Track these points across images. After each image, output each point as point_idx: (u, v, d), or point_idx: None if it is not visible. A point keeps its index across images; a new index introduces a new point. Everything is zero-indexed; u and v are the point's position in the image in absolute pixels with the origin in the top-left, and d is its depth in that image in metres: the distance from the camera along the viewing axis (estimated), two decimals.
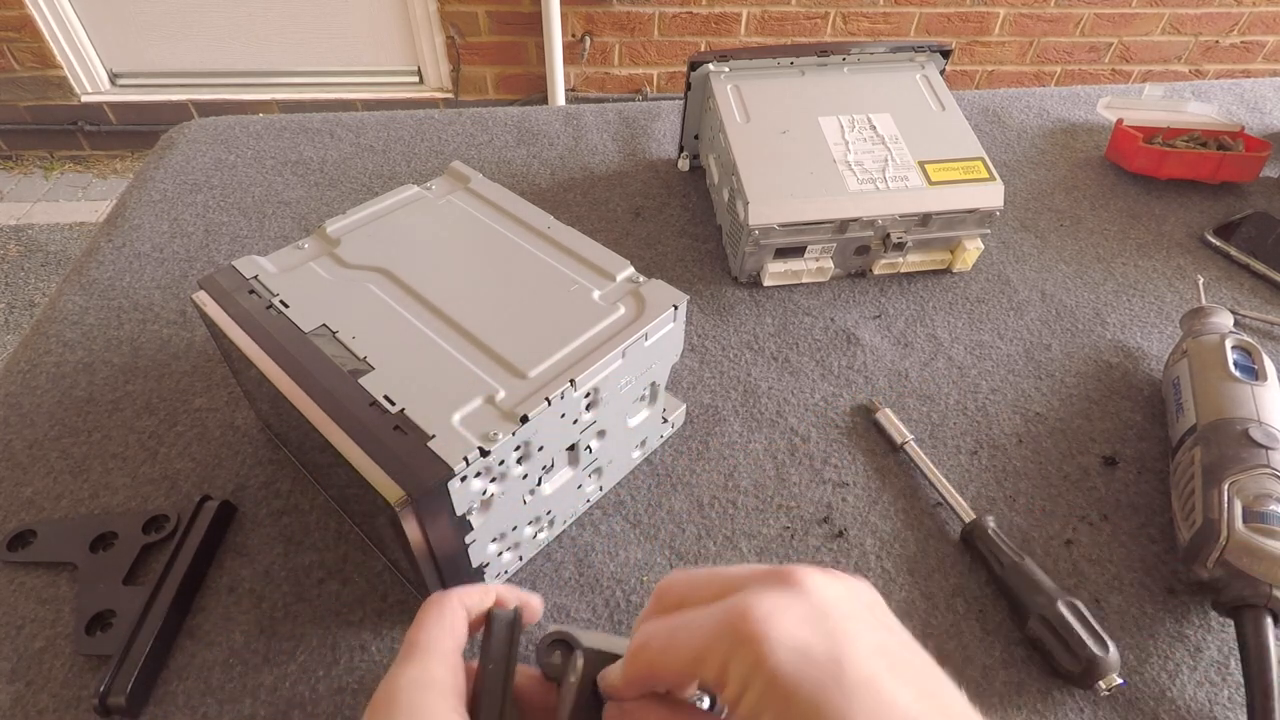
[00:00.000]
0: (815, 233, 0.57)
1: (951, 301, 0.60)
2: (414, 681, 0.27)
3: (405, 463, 0.32)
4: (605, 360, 0.37)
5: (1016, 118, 0.83)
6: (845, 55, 0.65)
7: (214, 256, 0.62)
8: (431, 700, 0.26)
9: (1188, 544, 0.41)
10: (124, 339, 0.55)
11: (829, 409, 0.52)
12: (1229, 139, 0.73)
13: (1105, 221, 0.69)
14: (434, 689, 0.27)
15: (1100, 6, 2.07)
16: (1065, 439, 0.50)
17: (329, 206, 0.68)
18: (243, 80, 2.12)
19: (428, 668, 0.28)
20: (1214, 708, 0.38)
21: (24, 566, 0.41)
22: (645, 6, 1.96)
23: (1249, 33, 2.18)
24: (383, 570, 0.42)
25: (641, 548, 0.44)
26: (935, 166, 0.59)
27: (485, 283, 0.42)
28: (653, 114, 0.80)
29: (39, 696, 0.37)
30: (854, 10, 2.01)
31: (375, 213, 0.46)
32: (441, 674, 0.28)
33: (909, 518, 0.45)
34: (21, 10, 1.89)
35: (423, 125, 0.78)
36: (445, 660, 0.28)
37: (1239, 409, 0.44)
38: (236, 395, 0.50)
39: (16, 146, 2.18)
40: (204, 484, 0.46)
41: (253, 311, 0.39)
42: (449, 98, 2.13)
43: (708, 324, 0.58)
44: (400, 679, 0.27)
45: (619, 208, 0.68)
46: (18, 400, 0.50)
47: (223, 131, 0.76)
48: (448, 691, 0.27)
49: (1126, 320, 0.59)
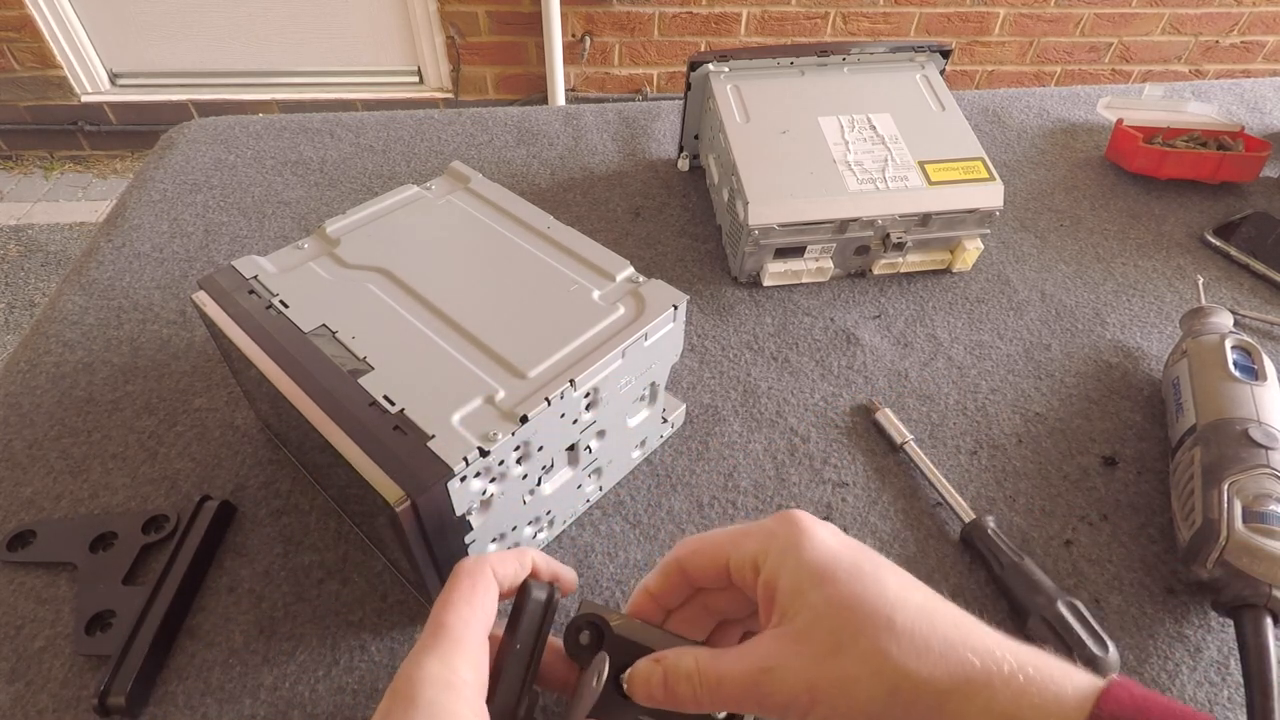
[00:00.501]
0: (815, 233, 0.57)
1: (951, 301, 0.60)
2: (437, 680, 0.26)
3: (405, 463, 0.32)
4: (605, 360, 0.37)
5: (1016, 118, 0.83)
6: (845, 55, 0.65)
7: (214, 256, 0.62)
8: (452, 703, 0.26)
9: (1187, 544, 0.41)
10: (124, 339, 0.55)
11: (829, 409, 0.52)
12: (1229, 139, 0.73)
13: (1105, 221, 0.69)
14: (456, 690, 0.26)
15: (1100, 6, 2.07)
16: (1065, 439, 0.50)
17: (329, 206, 0.68)
18: (243, 80, 2.12)
19: (453, 665, 0.26)
20: (1214, 708, 0.38)
21: (24, 566, 0.41)
22: (645, 6, 1.96)
23: (1249, 33, 2.18)
24: (383, 570, 0.42)
25: (641, 548, 0.44)
26: (935, 166, 0.59)
27: (485, 283, 0.42)
28: (653, 114, 0.80)
29: (38, 696, 0.37)
30: (854, 10, 2.02)
31: (375, 213, 0.46)
32: (466, 673, 0.27)
33: (909, 518, 0.45)
34: (21, 10, 1.89)
35: (423, 125, 0.78)
36: (471, 655, 0.27)
37: (1239, 409, 0.44)
38: (236, 395, 0.50)
39: (16, 146, 2.18)
40: (204, 484, 0.46)
41: (252, 311, 0.39)
42: (449, 98, 2.13)
43: (708, 324, 0.58)
44: (424, 672, 0.26)
45: (619, 208, 0.68)
46: (18, 400, 0.50)
47: (223, 131, 0.76)
48: (471, 693, 0.26)
49: (1126, 320, 0.59)
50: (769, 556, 0.28)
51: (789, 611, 0.27)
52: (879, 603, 0.26)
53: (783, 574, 0.27)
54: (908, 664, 0.24)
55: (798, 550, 0.27)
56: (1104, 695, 0.23)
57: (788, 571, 0.27)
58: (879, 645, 0.25)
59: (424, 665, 0.26)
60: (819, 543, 0.28)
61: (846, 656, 0.25)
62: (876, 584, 0.26)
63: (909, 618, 0.25)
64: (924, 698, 0.24)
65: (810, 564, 0.27)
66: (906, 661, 0.24)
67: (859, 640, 0.25)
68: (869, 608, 0.26)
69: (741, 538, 0.29)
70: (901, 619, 0.25)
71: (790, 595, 0.27)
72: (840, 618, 0.26)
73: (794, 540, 0.28)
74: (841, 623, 0.26)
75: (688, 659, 0.28)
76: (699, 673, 0.27)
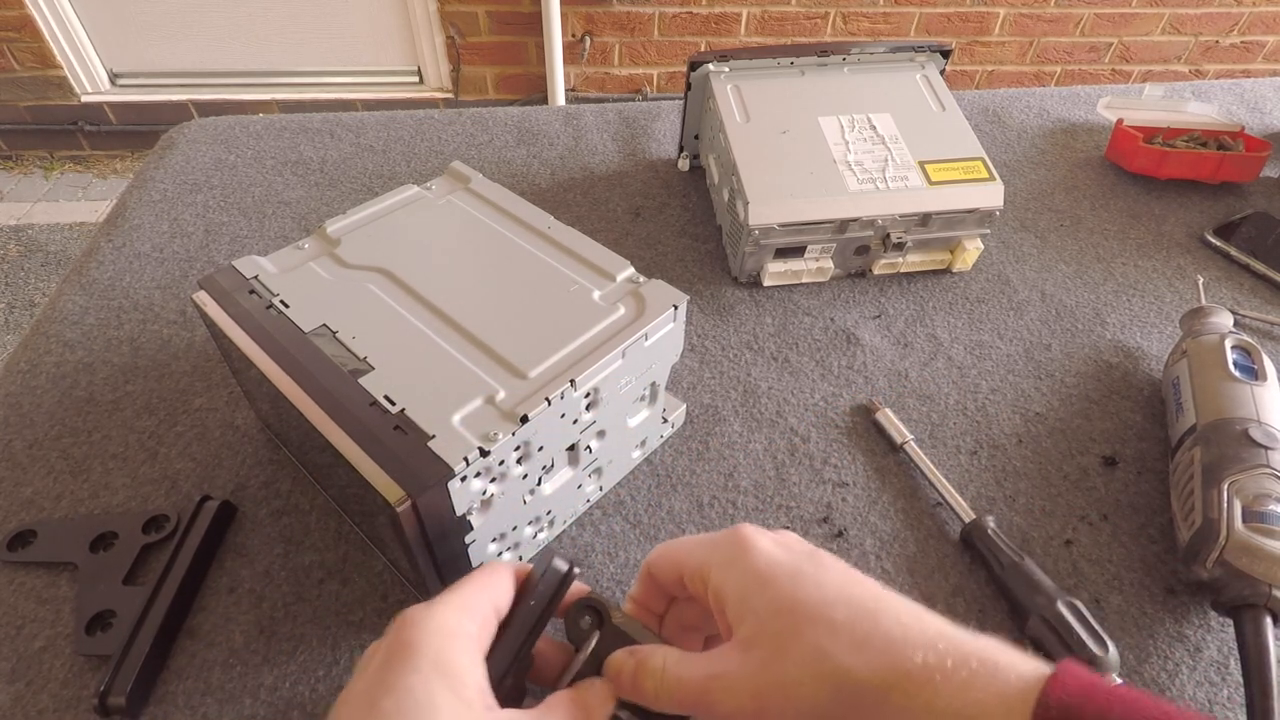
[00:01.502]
0: (815, 233, 0.57)
1: (951, 301, 0.60)
2: (442, 629, 0.26)
3: (405, 463, 0.32)
4: (605, 360, 0.37)
5: (1016, 118, 0.83)
6: (845, 55, 0.65)
7: (214, 256, 0.62)
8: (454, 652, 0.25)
9: (1187, 544, 0.41)
10: (124, 339, 0.55)
11: (829, 409, 0.52)
12: (1229, 139, 0.73)
13: (1105, 221, 0.69)
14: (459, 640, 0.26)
15: (1100, 6, 2.07)
16: (1065, 439, 0.50)
17: (329, 206, 0.68)
18: (243, 80, 2.12)
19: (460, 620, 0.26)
20: (1213, 707, 0.38)
21: (24, 566, 0.41)
22: (645, 6, 1.96)
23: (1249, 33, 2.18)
24: (383, 570, 0.42)
25: (641, 548, 0.44)
26: (935, 166, 0.59)
27: (485, 283, 0.42)
28: (653, 114, 0.80)
29: (39, 697, 0.37)
30: (854, 10, 2.01)
31: (375, 213, 0.46)
32: (470, 627, 0.26)
33: (909, 518, 0.45)
34: (21, 10, 1.89)
35: (423, 125, 0.78)
36: (478, 614, 0.27)
37: (1239, 409, 0.44)
38: (236, 395, 0.50)
39: (16, 146, 2.18)
40: (204, 484, 0.46)
41: (253, 311, 0.39)
42: (449, 98, 2.13)
43: (708, 324, 0.58)
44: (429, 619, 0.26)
45: (619, 208, 0.68)
46: (18, 400, 0.50)
47: (223, 131, 0.76)
48: (473, 646, 0.26)
49: (1126, 320, 0.59)
50: (713, 569, 0.29)
51: (735, 621, 0.27)
52: (818, 603, 0.26)
53: (728, 584, 0.28)
54: (847, 662, 0.24)
55: (741, 560, 0.28)
56: (1050, 683, 0.23)
57: (732, 581, 0.28)
58: (819, 646, 0.25)
59: (431, 612, 0.26)
60: (760, 552, 0.28)
61: (789, 660, 0.25)
62: (817, 586, 0.26)
63: (850, 615, 0.25)
64: (866, 695, 0.24)
65: (752, 571, 0.27)
66: (846, 660, 0.24)
67: (800, 642, 0.25)
68: (808, 609, 0.26)
69: (695, 547, 0.30)
70: (842, 617, 0.25)
71: (736, 604, 0.27)
72: (781, 621, 0.26)
73: (737, 551, 0.28)
74: (782, 626, 0.26)
75: (657, 658, 0.28)
76: (663, 672, 0.28)
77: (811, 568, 0.27)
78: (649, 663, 0.28)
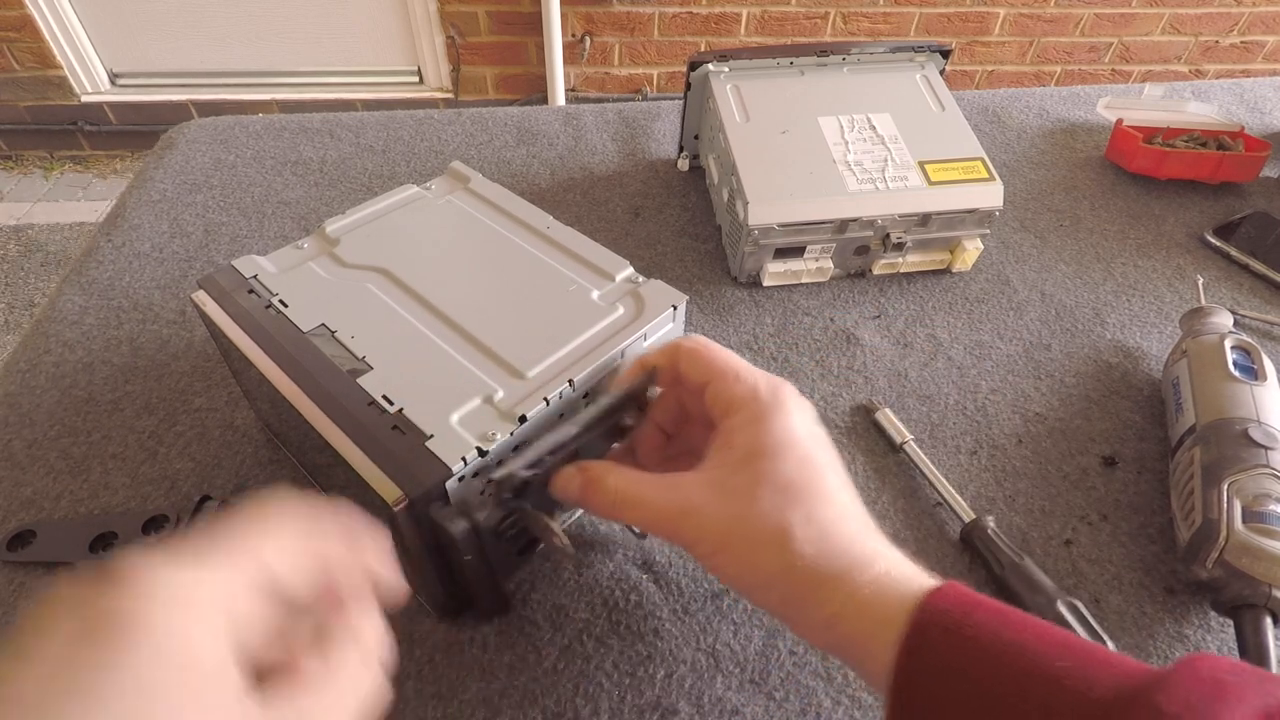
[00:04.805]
0: (815, 233, 0.57)
1: (951, 301, 0.60)
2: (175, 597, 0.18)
3: (403, 463, 0.32)
4: (604, 360, 0.37)
5: (1016, 118, 0.83)
6: (845, 55, 0.65)
7: (214, 256, 0.62)
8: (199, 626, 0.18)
9: (1187, 544, 0.41)
10: (124, 339, 0.55)
11: (829, 409, 0.52)
12: (1229, 139, 0.73)
13: (1105, 221, 0.69)
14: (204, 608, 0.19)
15: (1100, 6, 2.07)
16: (1065, 439, 0.50)
17: (329, 206, 0.68)
18: (243, 80, 2.12)
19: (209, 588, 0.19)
20: None
21: (24, 566, 0.41)
22: (645, 6, 1.96)
23: (1249, 33, 2.18)
24: None
25: (640, 548, 0.44)
26: (935, 166, 0.59)
27: (484, 283, 0.42)
28: (653, 114, 0.80)
29: None
30: (854, 10, 2.02)
31: (375, 213, 0.46)
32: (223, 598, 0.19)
33: (909, 518, 0.45)
34: (21, 10, 1.89)
35: (423, 125, 0.78)
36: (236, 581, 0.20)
37: (1238, 409, 0.44)
38: (236, 395, 0.50)
39: (16, 146, 2.18)
40: (204, 484, 0.46)
41: (252, 311, 0.39)
42: (449, 98, 2.13)
43: (707, 324, 0.58)
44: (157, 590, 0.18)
45: (618, 208, 0.68)
46: (17, 400, 0.50)
47: (223, 131, 0.76)
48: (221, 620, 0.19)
49: (1126, 320, 0.59)
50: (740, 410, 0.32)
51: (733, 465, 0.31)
52: (812, 492, 0.30)
53: (743, 432, 0.31)
54: (808, 551, 0.29)
55: (768, 420, 0.31)
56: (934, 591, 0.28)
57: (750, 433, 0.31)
58: (792, 528, 0.29)
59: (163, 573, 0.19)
60: (787, 423, 0.31)
61: (765, 525, 0.29)
62: (819, 476, 0.31)
63: (830, 514, 0.30)
64: (809, 579, 0.29)
65: (771, 435, 0.31)
66: (808, 549, 0.29)
67: (783, 518, 0.29)
68: (802, 493, 0.30)
69: (733, 381, 0.33)
70: (821, 514, 0.30)
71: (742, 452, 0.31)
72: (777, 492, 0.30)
73: (768, 411, 0.31)
74: (777, 496, 0.29)
75: (611, 476, 0.32)
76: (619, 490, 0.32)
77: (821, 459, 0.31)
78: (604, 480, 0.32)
